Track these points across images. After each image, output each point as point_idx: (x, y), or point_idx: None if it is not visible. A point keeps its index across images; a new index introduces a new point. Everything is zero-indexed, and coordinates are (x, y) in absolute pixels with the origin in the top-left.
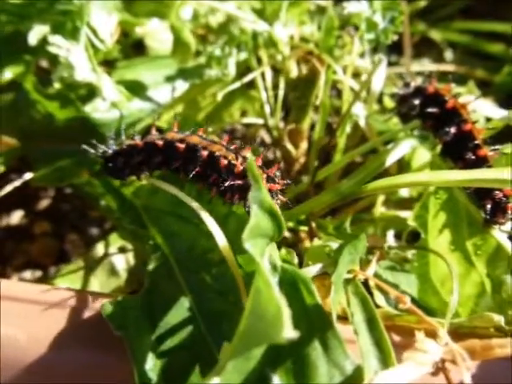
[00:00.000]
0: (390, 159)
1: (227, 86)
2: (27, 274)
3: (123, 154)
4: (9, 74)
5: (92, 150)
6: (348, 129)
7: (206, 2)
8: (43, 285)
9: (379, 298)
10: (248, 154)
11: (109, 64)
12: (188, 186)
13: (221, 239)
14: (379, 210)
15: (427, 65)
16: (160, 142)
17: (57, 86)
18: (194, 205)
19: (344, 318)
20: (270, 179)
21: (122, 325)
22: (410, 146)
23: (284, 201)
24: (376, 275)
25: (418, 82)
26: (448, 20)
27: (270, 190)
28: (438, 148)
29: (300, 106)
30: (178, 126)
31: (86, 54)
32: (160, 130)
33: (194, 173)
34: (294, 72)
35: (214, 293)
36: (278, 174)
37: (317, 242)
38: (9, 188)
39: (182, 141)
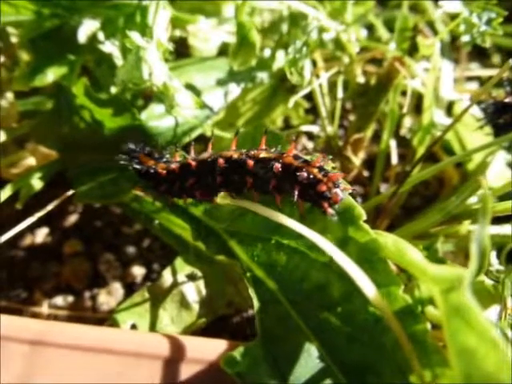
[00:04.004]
0: (490, 174)
1: (268, 91)
2: (58, 300)
3: (196, 173)
4: (51, 75)
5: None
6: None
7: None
8: (131, 331)
9: None
10: (342, 180)
11: None
12: (287, 208)
13: (357, 274)
14: (466, 227)
15: (476, 70)
16: (250, 162)
17: (113, 90)
18: (305, 230)
19: None
20: (336, 185)
21: None
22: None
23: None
24: None
25: None
26: None
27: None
28: None
29: (365, 113)
30: (266, 143)
31: (159, 54)
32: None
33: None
34: (360, 76)
35: (346, 337)
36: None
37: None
38: (49, 207)
39: (276, 159)
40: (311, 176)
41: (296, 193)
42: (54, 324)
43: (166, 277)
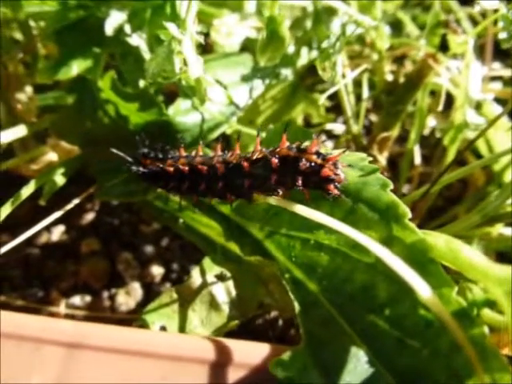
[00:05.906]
0: None
1: (288, 89)
2: (76, 300)
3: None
4: (75, 68)
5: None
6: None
7: None
8: (172, 333)
9: None
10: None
11: None
12: (326, 206)
13: (409, 275)
14: (499, 229)
15: (499, 69)
16: (246, 164)
17: (141, 84)
18: (349, 230)
19: None
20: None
21: None
22: None
23: None
24: None
25: None
26: None
27: None
28: None
29: (393, 112)
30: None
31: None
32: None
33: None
34: (388, 74)
35: (395, 342)
36: None
37: None
38: (71, 205)
39: (273, 154)
40: (312, 163)
41: (300, 182)
42: (91, 326)
43: (195, 277)
